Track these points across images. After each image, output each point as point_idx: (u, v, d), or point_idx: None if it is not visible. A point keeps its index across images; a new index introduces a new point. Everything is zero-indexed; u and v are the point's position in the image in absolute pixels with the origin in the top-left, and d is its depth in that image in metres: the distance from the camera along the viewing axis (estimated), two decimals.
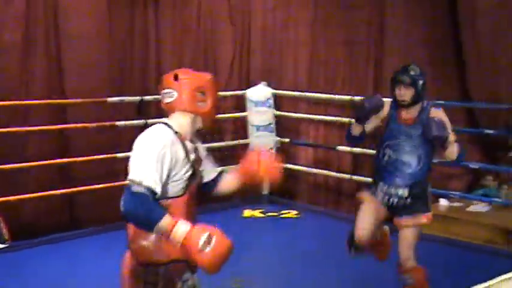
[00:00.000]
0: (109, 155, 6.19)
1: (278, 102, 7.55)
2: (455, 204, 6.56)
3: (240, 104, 7.54)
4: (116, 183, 6.27)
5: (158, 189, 2.51)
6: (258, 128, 7.39)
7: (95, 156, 6.12)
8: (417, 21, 6.81)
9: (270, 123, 7.41)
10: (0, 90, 5.84)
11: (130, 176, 2.52)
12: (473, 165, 6.32)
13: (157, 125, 2.72)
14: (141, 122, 6.47)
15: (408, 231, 4.16)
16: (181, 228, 2.42)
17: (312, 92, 7.32)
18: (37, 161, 5.89)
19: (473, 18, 6.46)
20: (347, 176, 6.93)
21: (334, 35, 7.33)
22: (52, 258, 5.52)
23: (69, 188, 6.14)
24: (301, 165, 7.37)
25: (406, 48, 6.73)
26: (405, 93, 4.05)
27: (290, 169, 7.13)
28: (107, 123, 6.31)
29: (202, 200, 2.94)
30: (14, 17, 5.86)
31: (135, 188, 2.47)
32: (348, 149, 6.84)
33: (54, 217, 6.22)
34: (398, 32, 6.76)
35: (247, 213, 7.06)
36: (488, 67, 6.57)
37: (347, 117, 6.82)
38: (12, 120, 5.87)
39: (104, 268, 5.21)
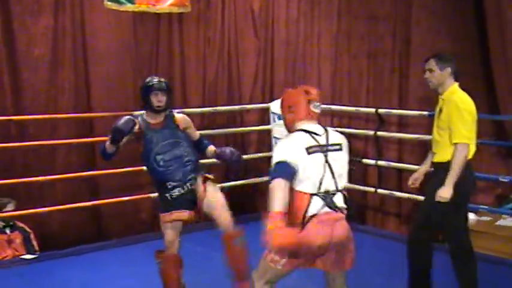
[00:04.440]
0: (135, 168, 6.24)
1: None
2: (484, 218, 6.46)
3: (264, 117, 7.56)
4: (142, 196, 6.33)
5: None
6: None
7: (122, 169, 6.16)
8: (443, 33, 6.73)
9: None
10: (29, 104, 5.97)
11: None
12: (503, 179, 6.18)
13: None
14: None
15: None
16: None
17: (336, 105, 7.34)
18: (65, 174, 5.97)
19: (502, 29, 6.33)
20: (372, 189, 6.90)
21: (358, 47, 7.33)
22: (78, 269, 5.55)
23: (96, 200, 6.23)
24: None
25: None
26: (163, 99, 4.48)
27: None
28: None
29: None
30: (42, 32, 5.98)
31: None
32: (372, 162, 6.83)
33: (81, 228, 6.30)
34: (424, 43, 6.66)
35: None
36: None
37: (372, 129, 6.81)
38: (40, 133, 5.97)
39: (130, 279, 5.27)
